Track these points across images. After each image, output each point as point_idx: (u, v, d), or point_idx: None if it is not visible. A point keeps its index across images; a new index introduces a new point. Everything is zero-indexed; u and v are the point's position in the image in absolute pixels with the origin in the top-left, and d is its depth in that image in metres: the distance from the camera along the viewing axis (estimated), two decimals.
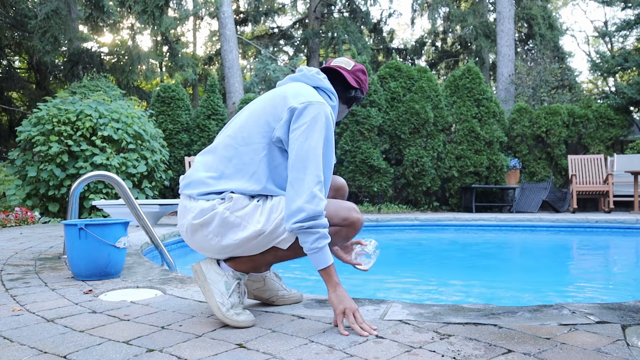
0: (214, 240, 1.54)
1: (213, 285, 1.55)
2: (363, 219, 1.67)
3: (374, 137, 8.90)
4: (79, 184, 2.83)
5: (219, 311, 1.52)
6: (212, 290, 1.55)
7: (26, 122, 6.77)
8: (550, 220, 6.77)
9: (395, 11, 27.13)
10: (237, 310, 1.55)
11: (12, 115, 14.65)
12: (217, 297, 1.54)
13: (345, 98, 1.77)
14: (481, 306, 1.77)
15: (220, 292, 1.54)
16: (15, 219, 5.90)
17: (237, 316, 1.52)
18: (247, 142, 1.56)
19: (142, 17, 10.32)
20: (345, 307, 1.50)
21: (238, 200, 1.52)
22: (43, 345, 1.38)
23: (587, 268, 4.13)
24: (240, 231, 1.51)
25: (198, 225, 1.54)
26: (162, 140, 8.03)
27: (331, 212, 1.57)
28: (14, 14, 11.76)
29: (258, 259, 1.61)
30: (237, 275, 1.60)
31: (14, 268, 2.75)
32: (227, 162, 1.57)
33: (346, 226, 1.61)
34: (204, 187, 1.56)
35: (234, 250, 1.56)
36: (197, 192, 1.56)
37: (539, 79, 12.47)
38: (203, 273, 1.58)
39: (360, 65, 1.80)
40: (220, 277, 1.57)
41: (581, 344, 1.33)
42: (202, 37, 29.17)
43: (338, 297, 1.52)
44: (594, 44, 24.34)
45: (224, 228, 1.52)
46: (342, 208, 1.61)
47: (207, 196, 1.55)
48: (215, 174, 1.57)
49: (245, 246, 1.54)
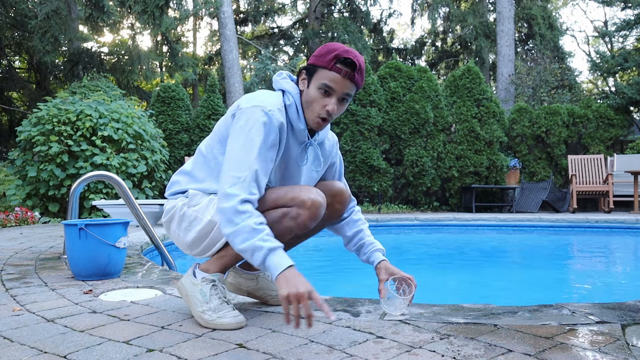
0: (181, 235, 1.64)
1: (192, 297, 1.58)
2: (320, 201, 1.48)
3: (374, 137, 8.90)
4: (79, 184, 2.83)
5: (202, 320, 1.54)
6: (192, 301, 1.58)
7: (26, 122, 6.77)
8: (550, 220, 6.77)
9: (395, 11, 27.13)
10: (222, 312, 1.52)
11: (12, 115, 14.65)
12: (197, 307, 1.56)
13: None
14: (481, 306, 1.77)
15: (199, 301, 1.56)
16: (15, 219, 5.90)
17: (220, 319, 1.51)
18: (212, 149, 1.62)
19: (142, 17, 10.31)
20: (289, 293, 1.29)
21: (195, 196, 1.60)
22: (43, 345, 1.38)
23: (587, 268, 4.13)
24: (198, 224, 1.57)
25: (166, 222, 1.68)
26: (162, 140, 8.03)
27: (280, 194, 1.51)
28: (14, 14, 11.77)
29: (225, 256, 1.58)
30: (211, 277, 1.58)
31: (14, 268, 2.75)
32: (198, 167, 1.65)
33: (295, 206, 1.48)
34: (174, 187, 1.69)
35: (199, 243, 1.60)
36: (169, 193, 1.70)
37: (539, 79, 12.47)
38: (184, 287, 1.63)
39: None
40: (196, 286, 1.58)
41: (581, 343, 1.34)
42: (202, 37, 29.17)
43: (285, 278, 1.33)
44: (594, 44, 24.35)
45: (185, 222, 1.60)
46: (294, 189, 1.52)
47: (175, 196, 1.68)
48: (187, 178, 1.67)
49: (206, 239, 1.57)
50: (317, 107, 1.51)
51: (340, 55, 1.47)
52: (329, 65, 1.47)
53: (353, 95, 1.54)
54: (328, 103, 1.49)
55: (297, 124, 1.55)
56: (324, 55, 1.49)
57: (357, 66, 1.48)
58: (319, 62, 1.49)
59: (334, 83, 1.47)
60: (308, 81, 1.53)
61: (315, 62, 1.51)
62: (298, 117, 1.55)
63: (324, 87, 1.48)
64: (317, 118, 1.53)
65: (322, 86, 1.48)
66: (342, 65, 1.47)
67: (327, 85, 1.48)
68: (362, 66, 1.50)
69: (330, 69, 1.47)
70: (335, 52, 1.48)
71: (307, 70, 1.54)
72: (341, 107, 1.53)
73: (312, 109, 1.52)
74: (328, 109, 1.49)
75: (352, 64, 1.48)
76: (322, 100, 1.50)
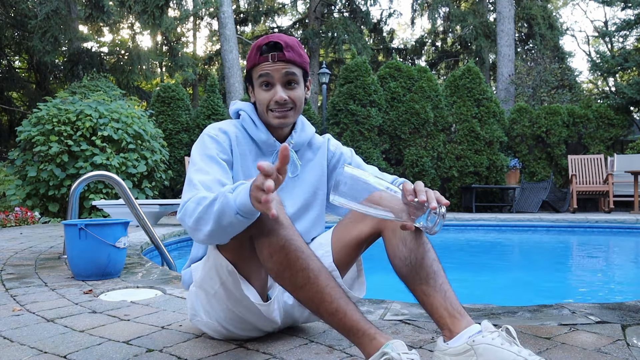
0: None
1: None
2: None
3: (374, 137, 8.90)
4: (79, 184, 2.83)
5: None
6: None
7: (26, 122, 6.77)
8: (550, 220, 6.77)
9: (395, 11, 27.17)
10: None
11: (12, 115, 14.66)
12: None
13: None
14: (481, 306, 1.77)
15: None
16: (15, 219, 5.90)
17: None
18: None
19: (142, 17, 10.32)
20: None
21: (196, 272, 1.49)
22: (43, 345, 1.38)
23: (587, 268, 4.13)
24: (220, 297, 1.42)
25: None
26: (162, 140, 8.03)
27: None
28: (14, 14, 11.77)
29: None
30: None
31: (14, 268, 2.74)
32: None
33: None
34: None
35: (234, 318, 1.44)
36: None
37: (539, 79, 12.47)
38: None
39: None
40: None
41: (581, 344, 1.33)
42: (202, 37, 29.19)
43: None
44: (594, 44, 24.35)
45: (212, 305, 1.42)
46: None
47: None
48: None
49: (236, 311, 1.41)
50: (267, 104, 1.40)
51: (259, 44, 1.41)
52: (256, 59, 1.40)
53: (300, 74, 1.41)
54: (274, 94, 1.39)
55: (257, 135, 1.44)
56: (249, 56, 1.43)
57: (282, 44, 1.38)
58: (250, 64, 1.43)
59: (268, 71, 1.38)
60: (252, 88, 1.45)
61: (248, 67, 1.45)
62: (256, 128, 1.45)
63: (262, 81, 1.39)
64: (271, 113, 1.41)
65: (261, 81, 1.39)
66: (267, 51, 1.39)
67: (262, 77, 1.38)
68: (288, 42, 1.38)
69: (259, 62, 1.40)
70: (255, 45, 1.42)
71: (247, 79, 1.47)
72: (293, 91, 1.40)
73: (264, 108, 1.41)
74: (276, 99, 1.37)
75: (275, 45, 1.39)
76: (268, 94, 1.39)
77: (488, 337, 1.04)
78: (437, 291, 1.15)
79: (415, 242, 1.22)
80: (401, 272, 1.22)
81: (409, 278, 1.20)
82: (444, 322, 1.12)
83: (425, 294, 1.16)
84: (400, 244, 1.23)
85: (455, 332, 1.09)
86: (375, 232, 1.33)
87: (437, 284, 1.17)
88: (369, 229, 1.33)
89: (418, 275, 1.18)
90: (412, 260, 1.20)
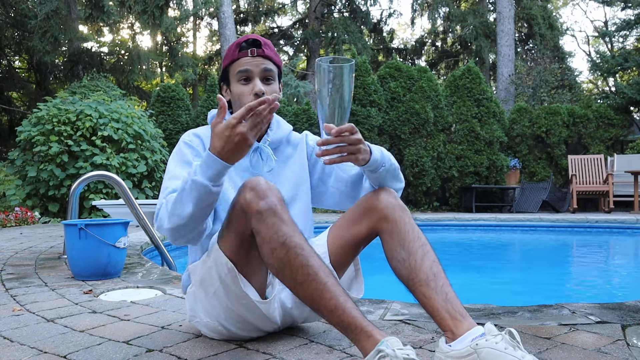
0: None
1: None
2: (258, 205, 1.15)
3: (374, 137, 8.90)
4: (79, 184, 2.83)
5: None
6: None
7: (26, 122, 6.77)
8: (550, 220, 6.76)
9: (395, 11, 27.17)
10: None
11: (12, 115, 14.65)
12: None
13: None
14: (481, 306, 1.77)
15: None
16: (15, 219, 5.90)
17: None
18: None
19: (142, 17, 10.32)
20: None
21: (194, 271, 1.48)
22: (43, 345, 1.38)
23: (587, 268, 4.13)
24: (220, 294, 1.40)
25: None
26: (162, 140, 8.03)
27: None
28: (14, 14, 11.77)
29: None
30: None
31: (14, 268, 2.75)
32: None
33: None
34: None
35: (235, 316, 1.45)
36: None
37: (539, 79, 12.47)
38: None
39: None
40: None
41: (581, 344, 1.33)
42: (202, 37, 29.18)
43: None
44: (594, 44, 24.34)
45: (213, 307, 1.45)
46: None
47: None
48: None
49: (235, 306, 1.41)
50: (245, 99, 1.38)
51: (239, 41, 1.44)
52: (235, 54, 1.41)
53: (276, 73, 1.43)
54: (253, 87, 1.38)
55: None
56: (227, 54, 1.45)
57: (261, 42, 1.41)
58: (228, 60, 1.44)
59: (247, 66, 1.38)
60: (228, 85, 1.45)
61: (225, 64, 1.46)
62: None
63: (241, 75, 1.39)
64: None
65: (240, 75, 1.40)
66: (246, 47, 1.41)
67: (242, 71, 1.39)
68: (266, 41, 1.43)
69: (238, 57, 1.41)
70: (234, 43, 1.44)
71: (223, 78, 1.48)
72: (270, 87, 1.40)
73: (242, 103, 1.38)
74: (255, 91, 1.37)
75: (254, 41, 1.42)
76: (246, 88, 1.39)
77: (491, 341, 1.04)
78: (438, 293, 1.15)
79: (414, 245, 1.22)
80: (400, 274, 1.22)
81: (408, 280, 1.20)
82: (446, 324, 1.11)
83: (425, 297, 1.16)
84: (398, 247, 1.23)
85: (457, 335, 1.09)
86: (372, 233, 1.33)
87: (437, 286, 1.16)
88: (366, 230, 1.33)
89: (418, 277, 1.18)
90: (412, 263, 1.19)
